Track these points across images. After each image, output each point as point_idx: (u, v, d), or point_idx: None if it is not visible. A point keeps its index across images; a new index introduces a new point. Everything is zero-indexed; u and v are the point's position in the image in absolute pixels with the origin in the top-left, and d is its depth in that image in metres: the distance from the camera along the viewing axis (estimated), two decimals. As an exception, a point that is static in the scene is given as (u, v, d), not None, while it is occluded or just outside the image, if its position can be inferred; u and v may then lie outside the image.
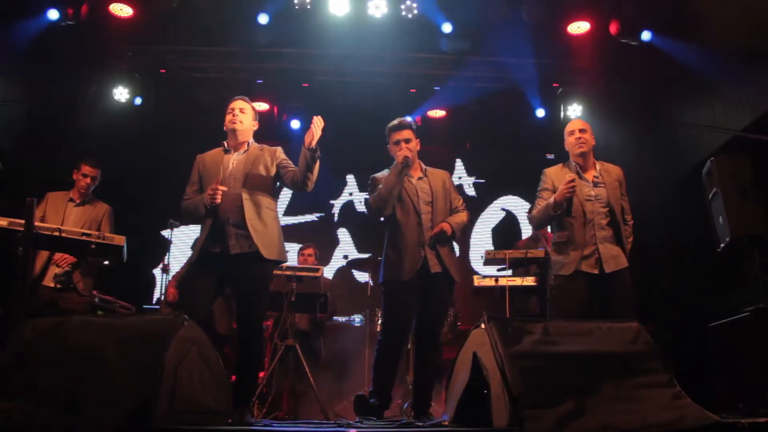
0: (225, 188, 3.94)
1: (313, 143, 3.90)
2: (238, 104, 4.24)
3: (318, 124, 3.90)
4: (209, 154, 4.22)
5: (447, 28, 6.92)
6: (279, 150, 4.25)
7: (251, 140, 4.24)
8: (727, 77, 5.67)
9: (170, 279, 6.50)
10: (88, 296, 5.10)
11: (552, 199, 4.17)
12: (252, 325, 3.95)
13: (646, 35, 6.57)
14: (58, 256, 4.91)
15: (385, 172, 4.36)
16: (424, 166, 4.44)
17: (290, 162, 4.18)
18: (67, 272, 4.95)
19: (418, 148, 4.39)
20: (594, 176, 4.29)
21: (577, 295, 4.10)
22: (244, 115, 4.21)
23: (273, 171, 4.15)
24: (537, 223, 4.51)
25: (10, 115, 6.33)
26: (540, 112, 7.84)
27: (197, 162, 4.23)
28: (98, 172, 5.24)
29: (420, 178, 4.37)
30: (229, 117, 4.20)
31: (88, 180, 5.17)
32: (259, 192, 4.05)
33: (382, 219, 4.31)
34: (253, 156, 4.15)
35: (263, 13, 6.82)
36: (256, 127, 4.30)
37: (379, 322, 5.33)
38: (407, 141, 4.31)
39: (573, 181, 4.09)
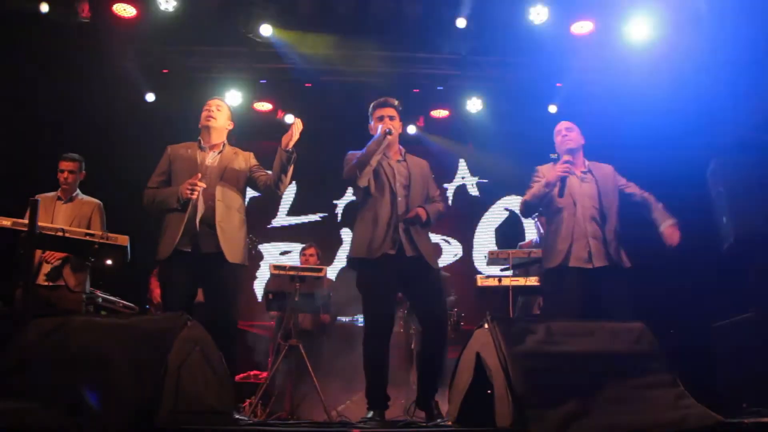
0: (204, 185, 3.95)
1: (290, 145, 3.95)
2: (214, 102, 4.29)
3: (298, 126, 3.94)
4: (182, 146, 4.23)
5: (451, 27, 6.90)
6: (252, 155, 4.29)
7: (225, 141, 4.27)
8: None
9: (150, 278, 6.51)
10: (80, 292, 5.06)
11: (543, 181, 4.32)
12: (222, 327, 3.85)
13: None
14: (47, 252, 4.90)
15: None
16: (404, 151, 4.34)
17: (262, 168, 4.23)
18: (56, 267, 4.94)
19: (400, 130, 4.32)
20: (582, 171, 4.38)
21: (569, 289, 4.14)
22: (220, 113, 4.25)
23: (245, 175, 4.19)
24: (527, 206, 4.54)
25: (13, 115, 6.34)
26: (552, 108, 7.81)
27: (168, 152, 4.23)
28: (76, 164, 5.24)
29: (399, 161, 4.26)
30: (204, 114, 4.24)
31: (65, 174, 5.17)
32: (232, 194, 4.09)
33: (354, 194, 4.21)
34: (228, 157, 4.18)
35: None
36: (230, 127, 4.34)
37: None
38: (391, 118, 4.23)
39: (568, 162, 4.23)
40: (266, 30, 6.85)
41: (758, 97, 5.32)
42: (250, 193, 4.58)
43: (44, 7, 6.28)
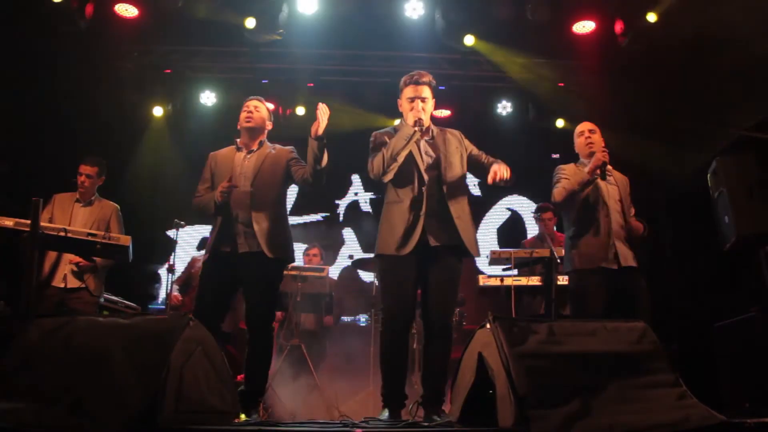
0: (236, 185, 3.96)
1: (320, 131, 3.80)
2: (253, 103, 4.26)
3: (324, 110, 3.80)
4: (221, 152, 4.24)
5: (451, 27, 6.91)
6: (291, 149, 4.24)
7: (264, 139, 4.24)
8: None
9: (173, 282, 6.51)
10: (97, 296, 5.10)
11: (586, 169, 4.27)
12: (260, 325, 3.93)
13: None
14: (73, 257, 4.93)
15: (388, 130, 3.95)
16: (434, 128, 3.96)
17: (301, 161, 4.15)
18: (81, 270, 4.96)
19: (433, 110, 3.97)
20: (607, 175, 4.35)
21: (597, 291, 4.14)
22: (258, 114, 4.22)
23: (283, 170, 4.14)
24: (565, 195, 4.29)
25: (16, 115, 6.35)
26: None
27: (210, 159, 4.24)
28: (95, 169, 5.23)
29: (429, 141, 3.89)
30: (243, 115, 4.20)
31: (83, 178, 5.17)
32: (268, 191, 4.06)
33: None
34: (264, 155, 4.15)
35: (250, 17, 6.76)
36: (269, 127, 4.31)
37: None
38: (423, 100, 3.86)
39: (605, 150, 4.25)
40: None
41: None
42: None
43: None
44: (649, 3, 6.41)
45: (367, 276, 7.93)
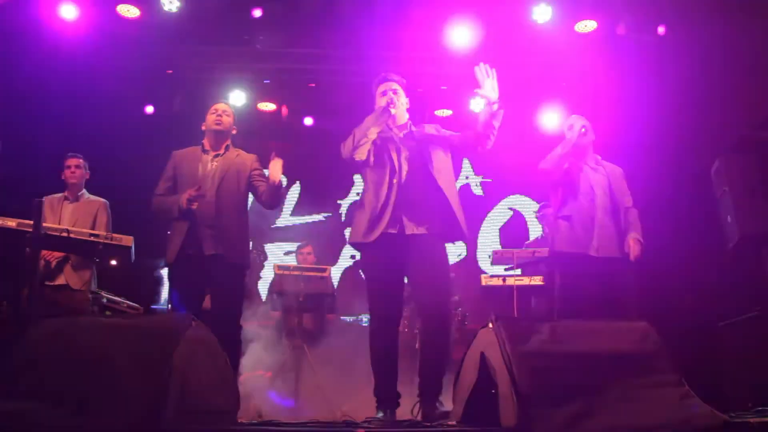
0: (203, 194, 3.99)
1: (276, 182, 4.06)
2: (222, 107, 4.33)
3: (276, 166, 4.05)
4: (186, 151, 4.29)
5: (453, 26, 6.90)
6: (254, 158, 4.31)
7: (230, 143, 4.30)
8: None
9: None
10: (84, 291, 5.06)
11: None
12: (226, 329, 3.81)
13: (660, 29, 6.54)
14: (44, 252, 4.90)
15: None
16: (411, 124, 4.07)
17: (263, 176, 4.25)
18: (56, 266, 4.94)
19: (407, 106, 4.11)
20: (593, 164, 4.44)
21: (575, 275, 4.24)
22: (228, 119, 4.28)
23: (246, 177, 4.22)
24: (549, 161, 4.44)
25: (16, 114, 6.35)
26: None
27: (173, 158, 4.29)
28: (81, 161, 5.29)
29: (406, 133, 4.00)
30: (212, 117, 4.26)
31: (72, 169, 5.19)
32: (233, 195, 4.13)
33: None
34: (230, 160, 4.21)
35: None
36: (234, 132, 4.36)
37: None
38: (395, 91, 4.02)
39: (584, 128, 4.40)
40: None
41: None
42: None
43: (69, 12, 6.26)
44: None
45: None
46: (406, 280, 3.89)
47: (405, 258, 3.72)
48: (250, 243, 4.28)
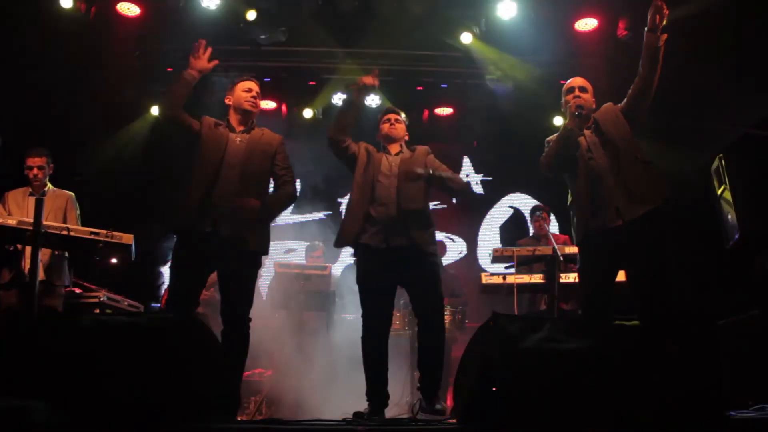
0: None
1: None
2: (255, 87, 4.13)
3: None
4: (215, 121, 4.06)
5: (453, 25, 6.91)
6: (279, 140, 4.11)
7: (254, 120, 4.13)
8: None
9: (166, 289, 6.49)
10: (59, 286, 5.01)
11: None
12: (236, 319, 3.76)
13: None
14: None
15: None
16: (404, 148, 4.32)
17: (287, 166, 4.10)
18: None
19: (404, 135, 4.34)
20: (591, 129, 3.92)
21: (597, 257, 3.75)
22: (259, 100, 4.13)
23: (270, 158, 4.04)
24: (548, 160, 4.02)
25: (15, 113, 6.36)
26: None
27: (203, 119, 4.05)
28: (44, 159, 5.19)
29: (396, 154, 4.26)
30: (246, 95, 4.06)
31: (34, 171, 5.14)
32: (256, 176, 3.94)
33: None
34: (256, 139, 4.02)
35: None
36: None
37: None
38: (397, 120, 4.30)
39: (578, 96, 3.93)
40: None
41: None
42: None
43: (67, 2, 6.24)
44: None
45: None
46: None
47: (394, 267, 3.97)
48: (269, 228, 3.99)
